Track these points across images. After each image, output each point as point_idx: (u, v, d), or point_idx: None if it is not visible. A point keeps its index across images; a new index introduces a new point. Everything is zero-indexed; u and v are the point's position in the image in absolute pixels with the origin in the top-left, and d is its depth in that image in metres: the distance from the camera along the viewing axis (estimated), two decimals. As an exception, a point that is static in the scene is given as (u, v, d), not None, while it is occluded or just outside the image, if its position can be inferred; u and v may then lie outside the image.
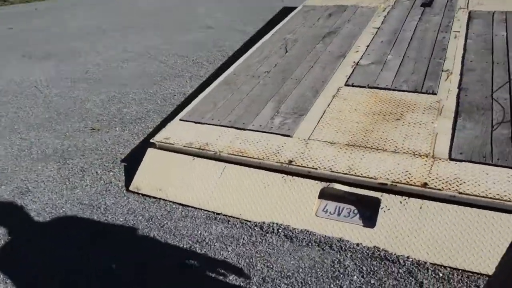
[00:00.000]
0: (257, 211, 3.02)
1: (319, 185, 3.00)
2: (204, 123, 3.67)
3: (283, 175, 3.11)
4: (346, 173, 2.94)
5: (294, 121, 3.50)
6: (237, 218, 3.04)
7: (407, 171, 2.86)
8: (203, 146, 3.40)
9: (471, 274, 2.46)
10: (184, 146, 3.46)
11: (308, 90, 3.91)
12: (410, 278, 2.46)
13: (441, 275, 2.48)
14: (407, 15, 5.32)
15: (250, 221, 2.98)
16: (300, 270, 2.58)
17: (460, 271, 2.49)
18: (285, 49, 4.76)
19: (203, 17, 9.61)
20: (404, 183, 2.79)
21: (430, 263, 2.55)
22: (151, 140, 3.59)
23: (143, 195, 3.37)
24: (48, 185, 3.59)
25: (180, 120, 3.79)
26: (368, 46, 4.63)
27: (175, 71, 6.24)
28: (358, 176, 2.90)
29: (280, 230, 2.86)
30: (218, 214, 3.09)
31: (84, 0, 12.62)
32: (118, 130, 4.49)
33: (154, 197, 3.33)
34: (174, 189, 3.29)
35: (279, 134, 3.39)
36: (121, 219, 3.14)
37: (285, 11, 10.12)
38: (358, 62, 4.30)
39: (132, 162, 3.84)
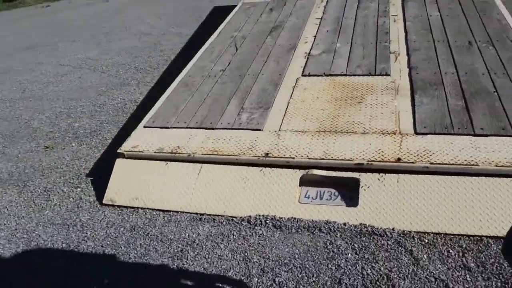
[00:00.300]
0: (241, 206, 3.04)
1: (298, 173, 3.08)
2: (171, 127, 3.62)
3: (261, 168, 3.16)
4: (323, 158, 3.04)
5: (261, 115, 3.55)
6: (222, 215, 3.04)
7: (379, 149, 3.01)
8: (175, 150, 3.36)
9: (452, 236, 2.65)
10: (155, 152, 3.39)
11: (268, 84, 3.97)
12: (400, 247, 2.60)
13: (426, 241, 2.64)
14: (345, 4, 5.54)
15: (236, 217, 3.00)
16: (296, 256, 2.64)
17: (442, 235, 2.67)
18: (235, 47, 4.79)
19: (135, 23, 9.39)
20: (379, 161, 2.93)
21: (414, 232, 2.71)
22: (118, 150, 3.49)
23: (119, 206, 3.27)
24: (12, 210, 3.38)
25: (145, 127, 3.71)
26: (315, 36, 4.78)
27: (119, 80, 6.06)
28: (335, 159, 3.01)
29: (267, 221, 2.90)
30: (202, 214, 3.07)
31: (5, 16, 11.86)
32: (74, 146, 4.30)
33: (131, 207, 3.24)
34: (151, 196, 3.23)
35: (249, 129, 3.43)
36: (102, 233, 3.03)
37: (218, 11, 10.16)
38: (309, 53, 4.43)
39: (99, 175, 3.71)
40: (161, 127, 3.65)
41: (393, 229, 2.74)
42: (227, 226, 2.94)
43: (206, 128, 3.53)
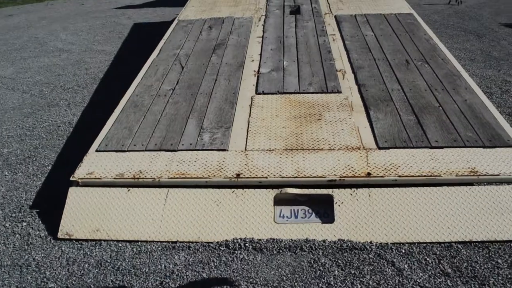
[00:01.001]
0: (216, 230, 2.94)
1: (271, 193, 3.05)
2: (128, 151, 3.41)
3: (233, 189, 3.08)
4: (296, 177, 3.05)
5: (224, 135, 3.48)
6: (196, 242, 2.91)
7: (349, 165, 3.10)
8: (137, 175, 3.16)
9: (425, 244, 2.79)
10: (114, 178, 3.16)
11: (224, 103, 3.92)
12: (381, 260, 2.69)
13: (403, 251, 2.76)
14: (283, 23, 5.69)
15: (212, 242, 2.88)
16: (284, 278, 2.60)
17: (416, 244, 2.80)
18: (181, 65, 4.67)
19: (50, 39, 8.80)
20: (351, 176, 3.02)
21: (391, 243, 2.81)
22: (72, 178, 3.19)
23: (77, 240, 2.98)
24: None
25: (97, 151, 3.44)
26: (260, 54, 4.83)
27: (46, 101, 5.60)
28: (308, 177, 3.04)
29: (247, 244, 2.84)
30: (174, 242, 2.91)
31: None
32: (8, 174, 3.86)
33: (92, 240, 2.97)
34: (115, 227, 2.99)
35: (214, 149, 3.34)
36: (64, 272, 2.73)
37: (138, 28, 9.88)
38: (259, 71, 4.46)
39: (45, 207, 3.37)
40: (116, 151, 3.42)
41: (370, 242, 2.82)
42: (205, 253, 2.81)
43: (167, 150, 3.37)
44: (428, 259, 2.69)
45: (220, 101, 3.95)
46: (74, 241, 2.98)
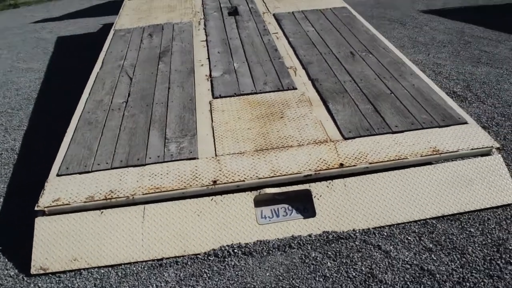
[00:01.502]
0: (201, 241, 2.89)
1: (251, 195, 3.06)
2: (93, 171, 3.24)
3: (211, 197, 3.05)
4: (273, 176, 3.08)
5: (190, 143, 3.42)
6: (183, 256, 2.84)
7: (320, 158, 3.18)
8: (109, 195, 3.03)
9: (403, 224, 2.94)
10: (84, 202, 3.00)
11: (183, 111, 3.85)
12: (368, 245, 2.79)
13: (385, 234, 2.89)
14: (224, 25, 5.68)
15: (199, 254, 2.83)
16: (280, 277, 2.62)
17: (395, 225, 2.95)
18: (129, 76, 4.51)
19: (-33, 59, 8.11)
20: (325, 169, 3.10)
21: (372, 228, 2.93)
22: (37, 208, 2.99)
23: (54, 273, 2.79)
24: None
25: (59, 175, 3.24)
26: (208, 58, 4.79)
27: (-23, 127, 5.16)
28: (285, 175, 3.08)
29: (235, 250, 2.82)
30: (160, 260, 2.82)
31: None
32: (-46, 214, 3.53)
33: (71, 271, 2.80)
34: (93, 253, 2.84)
35: (184, 159, 3.28)
36: (48, 310, 2.55)
37: (64, 41, 9.40)
38: (211, 75, 4.42)
39: (6, 242, 3.12)
40: (80, 173, 3.24)
41: (353, 230, 2.93)
42: (195, 266, 2.76)
43: (135, 166, 3.25)
44: (409, 237, 2.84)
45: (178, 109, 3.87)
46: (50, 275, 2.78)
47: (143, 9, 6.49)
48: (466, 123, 3.44)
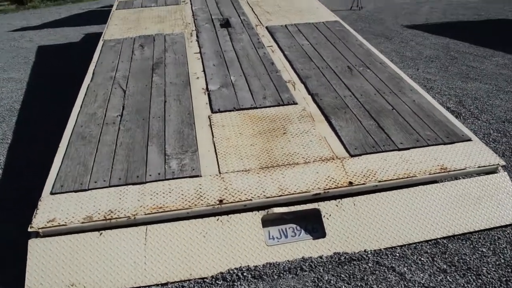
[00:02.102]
0: (207, 263, 2.76)
1: (258, 215, 2.95)
2: (90, 189, 3.07)
3: (217, 217, 2.92)
4: (281, 195, 2.98)
5: (192, 160, 3.30)
6: (189, 280, 2.70)
7: (329, 176, 3.10)
8: (108, 215, 2.87)
9: (414, 244, 2.88)
10: (82, 222, 2.83)
11: (181, 125, 3.72)
12: (381, 267, 2.71)
13: (397, 254, 2.82)
14: (217, 37, 5.59)
15: (206, 277, 2.70)
16: (294, 303, 2.51)
17: (407, 245, 2.88)
18: (122, 89, 4.36)
19: None
20: (334, 188, 3.02)
21: (384, 248, 2.86)
22: (30, 229, 2.80)
23: (50, 301, 2.61)
24: None
25: (53, 193, 3.06)
26: (204, 71, 4.69)
27: (-42, 141, 4.90)
28: (293, 194, 2.99)
29: (244, 273, 2.70)
30: (164, 284, 2.68)
31: None
32: None
33: (69, 297, 2.62)
34: (92, 277, 2.67)
35: (187, 177, 3.14)
36: None
37: (44, 50, 9.14)
38: (207, 88, 4.32)
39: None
40: (76, 191, 3.06)
41: (365, 250, 2.85)
42: (203, 290, 2.62)
43: (135, 184, 3.10)
44: (422, 258, 2.78)
45: (177, 124, 3.74)
46: (46, 302, 2.60)
47: (132, 19, 6.34)
48: (470, 140, 3.43)
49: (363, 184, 3.05)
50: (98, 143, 3.56)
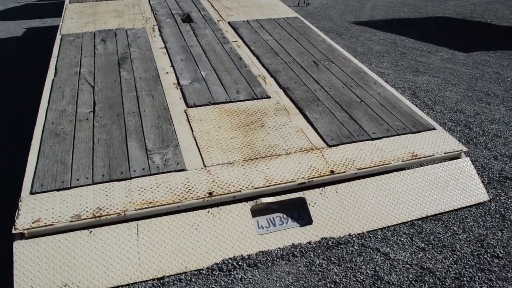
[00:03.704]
0: (202, 255, 2.81)
1: (247, 206, 3.03)
2: (73, 187, 3.01)
3: (208, 209, 2.98)
4: (268, 185, 3.08)
5: (175, 154, 3.31)
6: (185, 272, 2.74)
7: (311, 166, 3.25)
8: (97, 213, 2.83)
9: (393, 226, 3.10)
10: (70, 221, 2.78)
11: (158, 120, 3.71)
12: (367, 249, 2.90)
13: (379, 237, 3.02)
14: (180, 32, 5.56)
15: (202, 269, 2.75)
16: (291, 287, 2.62)
17: (386, 228, 3.09)
18: (90, 84, 4.25)
19: None
20: (317, 177, 3.17)
21: (366, 232, 3.05)
22: (14, 231, 2.70)
23: (43, 302, 2.55)
24: None
25: (33, 193, 2.96)
26: (172, 66, 4.67)
27: None
28: (280, 183, 3.10)
29: (239, 263, 2.78)
30: (161, 279, 2.70)
31: None
32: None
33: (62, 298, 2.57)
34: (85, 277, 2.64)
35: (172, 171, 3.16)
36: None
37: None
38: (179, 83, 4.31)
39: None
40: (58, 190, 2.98)
41: (349, 234, 3.02)
42: (200, 281, 2.67)
43: (120, 180, 3.07)
44: (402, 239, 2.99)
45: (153, 119, 3.72)
46: (39, 304, 2.53)
47: (88, 13, 6.13)
48: (434, 129, 3.71)
49: (344, 172, 3.22)
50: (73, 139, 3.46)
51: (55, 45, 5.05)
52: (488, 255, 2.84)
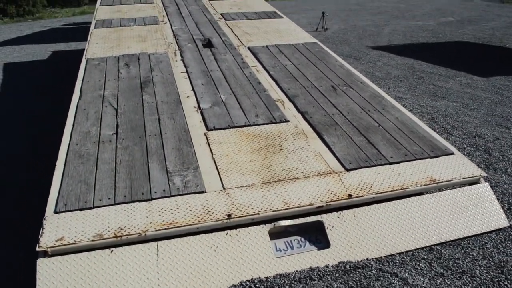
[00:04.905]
0: (220, 277, 2.84)
1: (265, 228, 3.06)
2: (95, 207, 3.09)
3: (226, 231, 3.02)
4: (286, 208, 3.12)
5: (195, 176, 3.38)
6: (202, 293, 2.77)
7: (329, 190, 3.27)
8: (119, 233, 2.90)
9: (411, 251, 3.08)
10: (92, 240, 2.85)
11: (179, 143, 3.80)
12: (384, 273, 2.89)
13: (397, 261, 3.01)
14: (201, 57, 5.71)
15: (219, 291, 2.78)
16: (309, 310, 2.63)
17: (404, 253, 3.08)
18: (113, 107, 4.39)
19: None
20: (335, 200, 3.19)
21: (384, 256, 3.04)
22: (38, 249, 2.78)
23: (65, 320, 2.60)
24: None
25: (57, 212, 3.05)
26: (193, 90, 4.79)
27: None
28: (298, 207, 3.13)
29: (257, 285, 2.80)
30: (178, 299, 2.72)
31: None
32: None
33: (84, 316, 2.62)
34: (106, 296, 2.69)
35: (192, 193, 3.22)
36: None
37: (12, 68, 8.93)
38: (200, 107, 4.42)
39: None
40: (81, 209, 3.07)
41: (367, 259, 3.02)
42: (218, 302, 2.69)
43: (141, 201, 3.15)
44: (420, 264, 2.97)
45: (174, 142, 3.82)
46: (60, 321, 2.58)
47: (113, 38, 6.36)
48: (453, 153, 3.71)
49: (362, 196, 3.24)
50: (97, 160, 3.57)
51: (80, 69, 5.24)
52: (509, 281, 2.80)
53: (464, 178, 3.47)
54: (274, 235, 3.08)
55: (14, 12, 17.14)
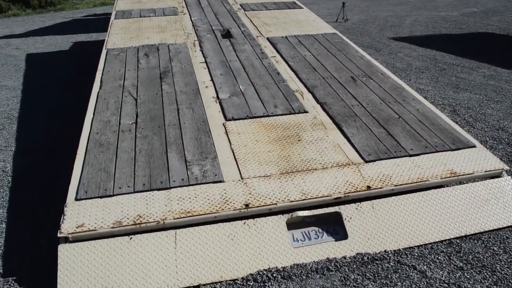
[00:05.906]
0: (237, 265, 2.85)
1: (283, 218, 3.06)
2: (115, 195, 3.13)
3: (244, 220, 3.03)
4: (304, 199, 3.11)
5: (213, 166, 3.40)
6: (220, 281, 2.79)
7: (347, 181, 3.25)
8: (138, 220, 2.93)
9: (430, 244, 3.05)
10: (112, 227, 2.89)
11: (198, 132, 3.81)
12: (403, 266, 2.86)
13: (416, 254, 2.98)
14: (220, 47, 5.71)
15: (237, 279, 2.79)
16: (325, 301, 2.62)
17: (423, 245, 3.04)
18: (133, 97, 4.43)
19: None
20: (354, 192, 3.17)
21: (402, 248, 3.01)
22: (59, 235, 2.84)
23: (85, 305, 2.65)
24: None
25: (77, 199, 3.11)
26: (212, 80, 4.80)
27: (-41, 149, 4.86)
28: (316, 198, 3.12)
29: (274, 274, 2.80)
30: (196, 287, 2.75)
31: None
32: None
33: (103, 301, 2.67)
34: (125, 281, 2.73)
35: (210, 182, 3.24)
36: None
37: (34, 58, 9.07)
38: (218, 97, 4.43)
39: (24, 271, 2.94)
40: (101, 197, 3.12)
41: (385, 251, 2.99)
42: (235, 291, 2.71)
43: (160, 189, 3.18)
44: (439, 257, 2.94)
45: (193, 131, 3.84)
46: (81, 306, 2.64)
47: (132, 29, 6.40)
48: (474, 146, 3.64)
49: (380, 188, 3.21)
50: (116, 149, 3.62)
51: (100, 59, 5.30)
52: (531, 278, 2.75)
53: (486, 171, 3.40)
54: (292, 225, 3.08)
55: (36, 4, 17.41)
